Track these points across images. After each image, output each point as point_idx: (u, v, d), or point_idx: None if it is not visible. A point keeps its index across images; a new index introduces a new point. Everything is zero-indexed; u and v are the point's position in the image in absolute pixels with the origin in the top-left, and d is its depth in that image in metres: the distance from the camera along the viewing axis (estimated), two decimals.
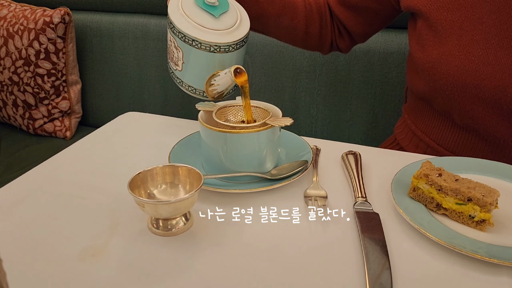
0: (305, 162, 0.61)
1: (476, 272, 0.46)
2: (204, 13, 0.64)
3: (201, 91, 0.67)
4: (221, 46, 0.63)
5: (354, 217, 0.54)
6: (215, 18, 0.64)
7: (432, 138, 0.78)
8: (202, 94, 0.68)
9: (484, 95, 0.66)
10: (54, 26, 1.36)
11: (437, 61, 0.69)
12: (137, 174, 0.52)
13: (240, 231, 0.52)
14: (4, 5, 1.44)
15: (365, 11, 0.83)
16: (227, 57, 0.64)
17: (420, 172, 0.55)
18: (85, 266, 0.47)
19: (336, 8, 0.85)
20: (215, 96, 0.67)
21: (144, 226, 0.52)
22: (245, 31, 0.66)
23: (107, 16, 1.46)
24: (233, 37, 0.64)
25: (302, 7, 0.83)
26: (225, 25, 0.64)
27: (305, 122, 1.29)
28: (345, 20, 0.84)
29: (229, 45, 0.63)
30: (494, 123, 0.69)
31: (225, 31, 0.64)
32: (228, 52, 0.64)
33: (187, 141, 0.68)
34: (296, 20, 0.83)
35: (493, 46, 0.65)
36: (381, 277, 0.44)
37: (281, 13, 0.80)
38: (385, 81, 1.17)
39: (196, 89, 0.68)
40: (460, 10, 0.67)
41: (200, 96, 0.68)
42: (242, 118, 0.64)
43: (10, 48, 1.38)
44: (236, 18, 0.66)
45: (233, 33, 0.64)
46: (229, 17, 0.66)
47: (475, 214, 0.51)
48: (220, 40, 0.63)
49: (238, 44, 0.65)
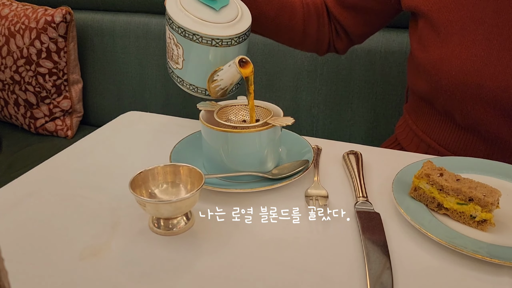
0: (306, 162, 0.61)
1: (477, 272, 0.46)
2: (203, 7, 0.63)
3: (203, 89, 0.65)
4: (223, 39, 0.61)
5: (355, 217, 0.54)
6: (216, 11, 0.62)
7: (433, 139, 0.78)
8: (204, 92, 0.66)
9: (486, 96, 0.66)
10: (56, 25, 1.36)
11: (439, 61, 0.69)
12: (138, 174, 0.52)
13: (242, 230, 0.52)
14: (6, 4, 1.45)
15: (365, 11, 0.82)
16: (230, 51, 0.62)
17: (421, 172, 0.55)
18: (86, 265, 0.47)
19: (334, 8, 0.84)
20: (218, 94, 0.65)
21: (145, 226, 0.52)
22: (247, 24, 0.64)
23: (109, 15, 1.46)
24: (235, 30, 0.62)
25: (300, 8, 0.82)
26: (226, 18, 0.62)
27: (306, 121, 1.29)
28: (343, 20, 0.84)
29: (231, 38, 0.61)
30: (496, 124, 0.68)
31: (226, 24, 0.62)
32: (230, 46, 0.62)
33: (188, 140, 0.68)
34: (294, 21, 0.82)
35: (495, 46, 0.65)
36: (381, 276, 0.44)
37: (279, 14, 0.80)
38: (386, 81, 1.17)
39: (197, 87, 0.66)
40: (462, 10, 0.67)
41: (202, 95, 0.67)
42: (243, 117, 0.64)
43: (11, 47, 1.38)
44: (237, 12, 0.65)
45: (235, 26, 0.63)
46: (230, 10, 0.64)
47: (476, 214, 0.51)
48: (222, 33, 0.61)
49: (241, 37, 0.63)
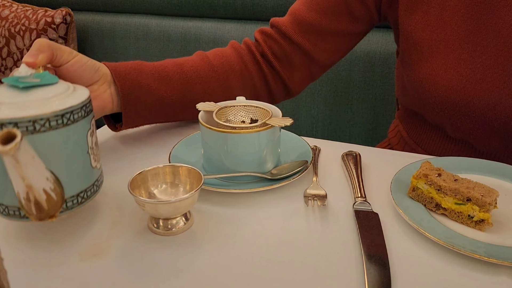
0: (305, 162, 0.61)
1: (475, 271, 0.46)
2: (5, 89, 0.47)
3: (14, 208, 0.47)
4: (19, 122, 0.43)
5: (354, 217, 0.54)
6: (20, 90, 0.46)
7: (425, 149, 0.78)
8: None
9: (473, 114, 0.66)
10: (56, 26, 1.36)
11: (424, 80, 0.68)
12: (138, 174, 0.52)
13: (240, 230, 0.52)
14: (6, 6, 1.45)
15: (336, 35, 0.77)
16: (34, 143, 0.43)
17: (419, 172, 0.55)
18: (85, 266, 0.47)
19: (299, 35, 0.76)
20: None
21: (144, 226, 0.53)
22: (70, 103, 0.46)
23: (109, 17, 1.46)
24: (44, 108, 0.44)
25: (238, 70, 0.76)
26: (33, 96, 0.46)
27: (306, 122, 1.30)
28: (311, 47, 0.77)
29: (31, 119, 0.43)
30: (486, 138, 0.68)
31: (34, 102, 0.45)
32: (35, 133, 0.44)
33: (188, 141, 0.68)
34: (242, 84, 0.76)
35: (480, 65, 0.64)
36: (380, 277, 0.44)
37: (184, 92, 0.72)
38: (385, 81, 1.18)
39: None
40: (446, 29, 0.66)
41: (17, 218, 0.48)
42: (242, 118, 0.64)
43: (12, 49, 1.39)
44: (64, 89, 0.48)
45: (47, 104, 0.45)
46: (47, 89, 0.47)
47: (474, 214, 0.51)
48: (17, 114, 0.43)
49: (52, 119, 0.44)
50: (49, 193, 0.44)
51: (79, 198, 0.49)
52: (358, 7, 0.74)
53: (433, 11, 0.67)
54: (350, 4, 0.74)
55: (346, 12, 0.75)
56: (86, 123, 0.49)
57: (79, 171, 0.48)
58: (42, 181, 0.43)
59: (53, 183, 0.44)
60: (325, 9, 0.75)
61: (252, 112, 0.64)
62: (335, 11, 0.75)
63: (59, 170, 0.46)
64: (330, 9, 0.75)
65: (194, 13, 1.39)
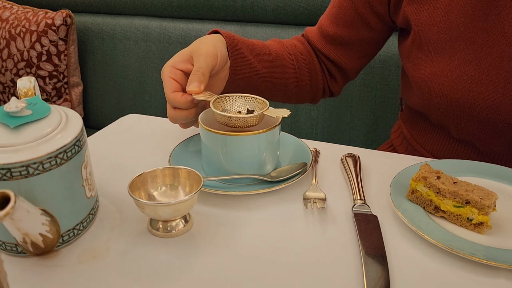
0: (305, 165, 0.61)
1: (474, 274, 0.46)
2: None
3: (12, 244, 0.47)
4: (11, 168, 0.42)
5: (353, 220, 0.54)
6: (11, 130, 0.45)
7: (428, 150, 0.78)
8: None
9: (478, 114, 0.66)
10: (56, 28, 1.36)
11: (430, 80, 0.69)
12: (137, 176, 0.53)
13: (240, 233, 0.52)
14: (6, 7, 1.45)
15: (357, 43, 0.81)
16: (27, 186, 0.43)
17: (418, 175, 0.55)
18: (85, 268, 0.47)
19: (325, 48, 0.82)
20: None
21: (144, 228, 0.53)
22: (64, 142, 0.45)
23: (109, 18, 1.46)
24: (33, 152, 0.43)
25: (289, 60, 0.80)
26: (25, 137, 0.44)
27: (305, 124, 1.30)
28: (337, 58, 0.82)
29: (24, 164, 0.42)
30: (490, 139, 0.69)
31: (24, 146, 0.44)
32: (28, 176, 0.43)
33: (187, 143, 0.68)
34: (286, 75, 0.80)
35: (485, 65, 0.65)
36: (378, 279, 0.45)
37: (271, 70, 0.77)
38: (385, 84, 1.18)
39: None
40: (452, 30, 0.67)
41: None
42: (238, 108, 0.64)
43: (12, 50, 1.39)
44: (56, 123, 0.47)
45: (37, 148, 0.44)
46: (39, 126, 0.46)
47: (473, 216, 0.51)
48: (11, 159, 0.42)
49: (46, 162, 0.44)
50: (45, 235, 0.44)
51: (75, 230, 0.50)
52: (372, 18, 0.78)
53: (440, 12, 0.68)
54: (365, 16, 0.78)
55: (363, 24, 0.79)
56: (80, 157, 0.48)
57: (74, 205, 0.49)
58: (38, 227, 0.43)
59: (49, 224, 0.44)
60: (344, 22, 0.79)
61: (249, 103, 0.64)
62: (352, 24, 0.79)
63: (54, 208, 0.46)
64: (348, 22, 0.79)
65: (194, 15, 1.39)
